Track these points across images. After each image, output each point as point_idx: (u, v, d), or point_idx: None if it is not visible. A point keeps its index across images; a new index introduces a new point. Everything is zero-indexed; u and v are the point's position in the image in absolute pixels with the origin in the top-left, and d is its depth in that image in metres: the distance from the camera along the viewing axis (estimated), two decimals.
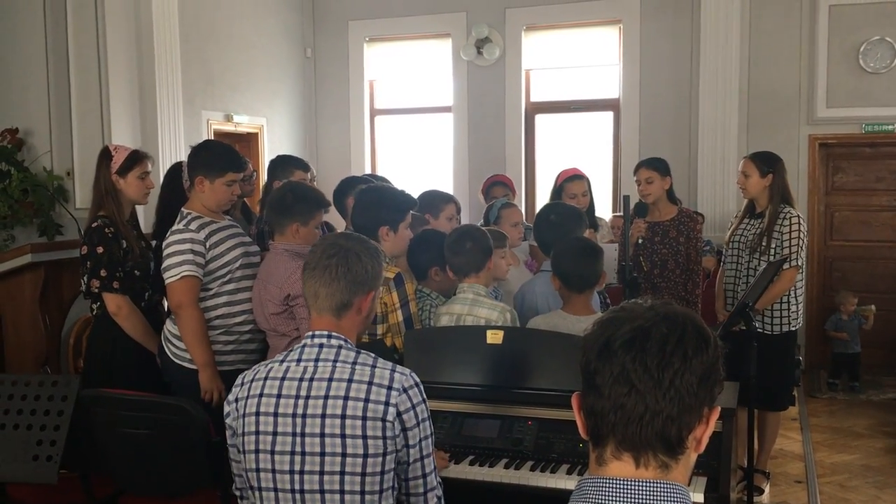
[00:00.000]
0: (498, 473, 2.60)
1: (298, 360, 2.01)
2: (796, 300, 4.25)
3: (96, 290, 3.41)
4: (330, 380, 1.95)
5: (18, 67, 5.88)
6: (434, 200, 4.18)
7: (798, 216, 4.18)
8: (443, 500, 2.07)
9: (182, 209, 3.34)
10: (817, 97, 6.74)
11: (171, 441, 2.85)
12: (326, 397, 1.93)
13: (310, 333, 2.05)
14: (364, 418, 1.90)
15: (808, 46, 6.74)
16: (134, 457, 2.94)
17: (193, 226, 3.24)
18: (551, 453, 2.64)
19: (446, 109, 7.94)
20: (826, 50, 6.69)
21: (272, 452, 1.95)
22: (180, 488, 2.95)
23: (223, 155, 3.36)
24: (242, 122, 7.19)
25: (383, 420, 1.91)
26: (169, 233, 3.28)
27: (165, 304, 3.56)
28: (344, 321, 2.05)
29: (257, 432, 1.97)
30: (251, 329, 3.34)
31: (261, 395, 1.98)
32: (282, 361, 2.03)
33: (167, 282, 3.22)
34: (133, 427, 2.88)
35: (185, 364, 3.26)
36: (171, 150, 6.01)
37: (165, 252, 3.23)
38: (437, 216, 4.08)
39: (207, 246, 3.24)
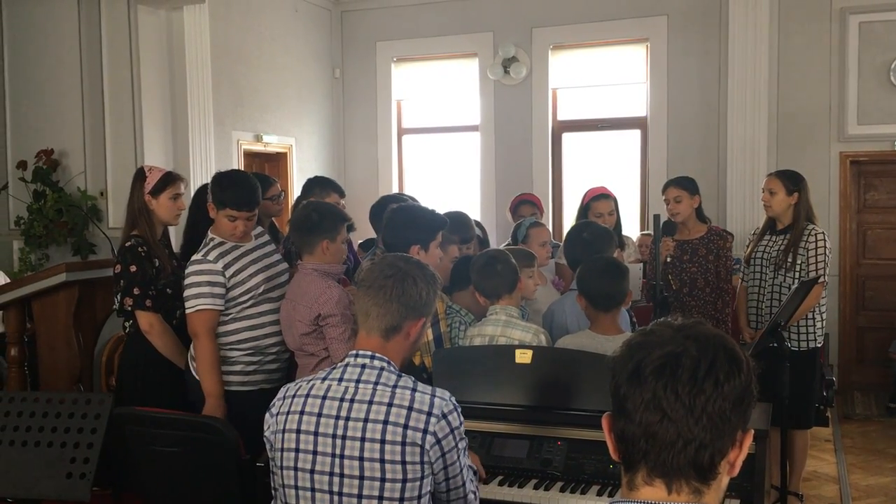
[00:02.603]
0: (527, 494, 2.58)
1: (340, 380, 2.01)
2: (821, 317, 4.25)
3: (129, 308, 3.46)
4: (370, 402, 1.95)
5: (54, 90, 6.01)
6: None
7: (823, 232, 4.19)
8: (478, 495, 2.12)
9: (209, 232, 3.39)
10: (848, 114, 6.67)
11: (202, 459, 2.87)
12: (366, 420, 1.93)
13: (353, 352, 2.05)
14: (403, 444, 1.91)
15: (837, 63, 6.68)
16: (165, 475, 2.97)
17: (212, 256, 3.28)
18: (581, 474, 2.62)
19: (473, 128, 7.97)
20: (856, 66, 6.63)
21: (312, 472, 1.96)
22: None
23: (228, 189, 3.33)
24: (272, 142, 7.28)
25: (422, 447, 1.91)
26: (189, 261, 3.34)
27: None
28: (391, 344, 2.05)
29: (297, 450, 1.98)
30: (277, 350, 3.37)
31: (302, 413, 1.99)
32: (324, 379, 2.03)
33: (186, 311, 3.29)
34: (165, 445, 2.90)
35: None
36: (203, 171, 6.09)
37: (185, 281, 3.29)
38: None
39: (227, 275, 3.28)
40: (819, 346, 4.26)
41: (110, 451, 2.79)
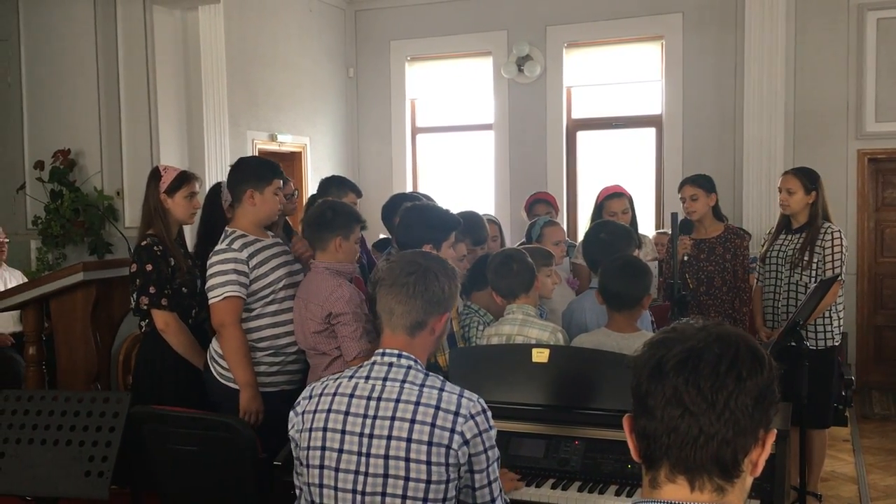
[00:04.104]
0: (545, 494, 2.57)
1: (367, 378, 2.00)
2: (837, 315, 4.23)
3: (145, 307, 3.46)
4: (397, 401, 1.94)
5: (70, 90, 6.05)
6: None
7: (839, 231, 4.18)
8: None
9: (226, 228, 3.36)
10: (866, 111, 6.62)
11: (219, 458, 2.88)
12: (393, 419, 1.92)
13: (380, 351, 2.04)
14: (430, 444, 1.89)
15: (855, 60, 6.63)
16: (182, 473, 2.97)
17: (236, 245, 3.25)
18: (599, 474, 2.61)
19: (487, 127, 7.96)
20: (874, 63, 6.58)
21: (336, 470, 1.95)
22: None
23: (264, 164, 3.42)
24: (286, 142, 7.30)
25: (448, 447, 1.89)
26: (213, 252, 3.30)
27: None
28: (417, 340, 2.04)
29: (323, 448, 1.97)
30: (297, 350, 3.34)
31: (329, 411, 1.98)
32: (350, 377, 2.03)
33: (210, 302, 3.24)
34: (182, 444, 2.91)
35: (231, 384, 3.27)
36: (218, 170, 6.11)
37: (209, 272, 3.25)
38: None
39: (251, 266, 3.24)
40: (836, 344, 4.23)
41: (128, 450, 2.80)
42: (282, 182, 3.42)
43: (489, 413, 1.97)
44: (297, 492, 2.12)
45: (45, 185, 5.98)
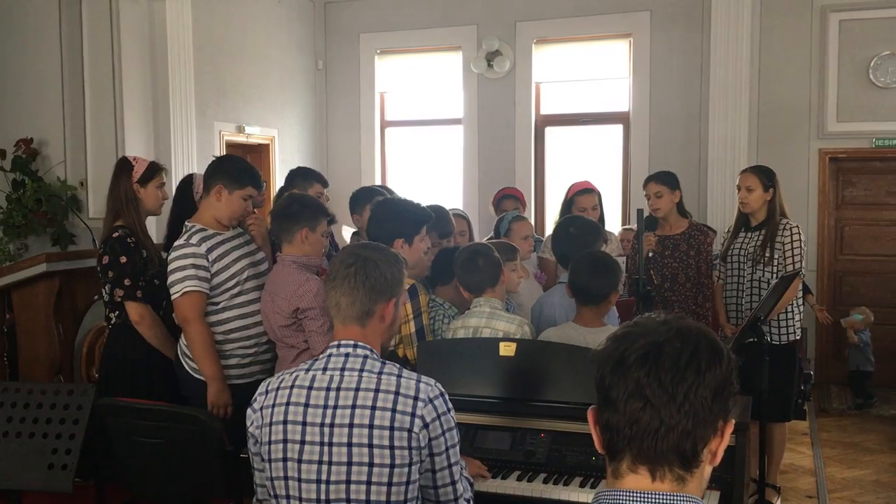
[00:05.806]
0: (511, 486, 2.60)
1: (324, 369, 2.02)
2: (798, 310, 4.31)
3: (119, 300, 3.44)
4: (357, 389, 1.96)
5: (33, 78, 5.94)
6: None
7: (797, 227, 4.27)
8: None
9: (186, 222, 3.36)
10: (827, 112, 6.75)
11: (186, 451, 2.87)
12: (354, 407, 1.94)
13: (335, 343, 2.05)
14: (391, 428, 1.92)
15: (818, 61, 6.75)
16: (148, 466, 2.96)
17: (194, 240, 3.25)
18: (564, 466, 2.64)
19: (456, 122, 7.97)
20: (836, 65, 6.71)
21: (299, 461, 1.96)
22: (194, 498, 2.96)
23: (246, 169, 3.42)
24: (254, 134, 7.24)
25: (409, 431, 1.92)
26: (172, 248, 3.31)
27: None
28: (368, 329, 2.06)
29: (285, 440, 1.98)
30: (268, 340, 3.34)
31: (288, 404, 1.99)
32: (307, 370, 2.04)
33: (172, 298, 3.25)
34: (148, 436, 2.90)
35: (203, 377, 3.27)
36: (184, 161, 6.06)
37: (169, 268, 3.25)
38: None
39: (210, 259, 3.25)
40: (797, 338, 4.33)
41: (93, 443, 2.78)
42: (256, 193, 3.42)
43: (446, 396, 2.01)
44: (256, 488, 2.13)
45: (7, 174, 5.87)
